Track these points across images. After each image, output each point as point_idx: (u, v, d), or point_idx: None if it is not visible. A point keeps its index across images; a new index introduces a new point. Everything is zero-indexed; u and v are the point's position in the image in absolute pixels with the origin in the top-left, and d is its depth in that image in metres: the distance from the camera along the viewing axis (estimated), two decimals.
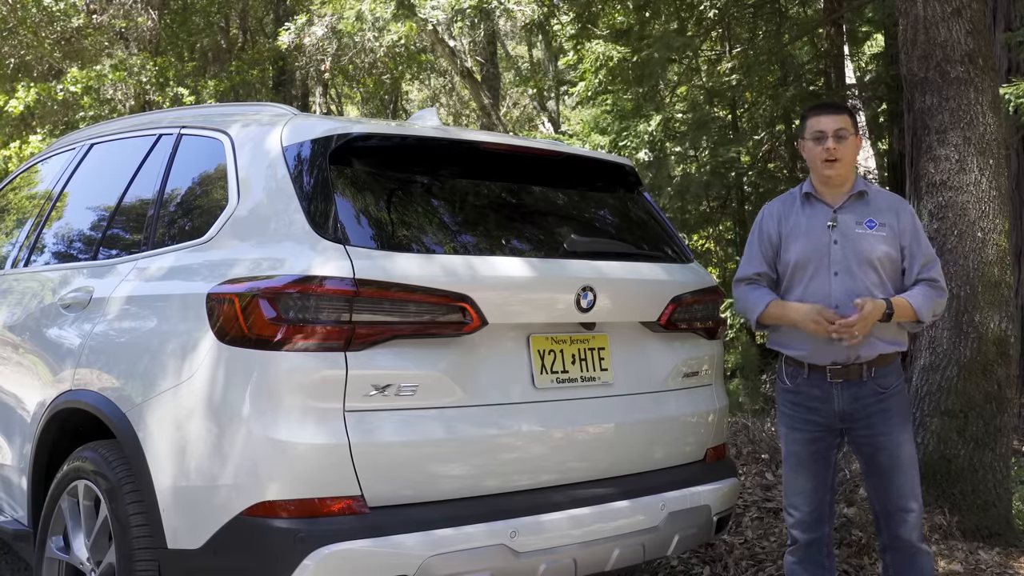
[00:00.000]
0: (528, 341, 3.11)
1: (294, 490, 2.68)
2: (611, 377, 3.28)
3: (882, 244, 3.27)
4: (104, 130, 4.49)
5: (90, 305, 3.46)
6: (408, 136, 3.34)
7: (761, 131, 12.19)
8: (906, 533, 3.26)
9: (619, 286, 3.30)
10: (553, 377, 3.13)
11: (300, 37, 14.59)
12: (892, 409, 3.28)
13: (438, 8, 12.35)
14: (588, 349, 3.24)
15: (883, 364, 3.28)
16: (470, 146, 3.47)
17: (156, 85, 13.41)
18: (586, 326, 3.24)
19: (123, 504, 2.96)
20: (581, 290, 3.14)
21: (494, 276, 3.01)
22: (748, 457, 6.01)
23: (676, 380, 3.49)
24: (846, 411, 3.30)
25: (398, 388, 2.80)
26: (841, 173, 3.33)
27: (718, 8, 10.48)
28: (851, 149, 3.33)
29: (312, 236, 2.85)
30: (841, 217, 3.33)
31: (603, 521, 3.11)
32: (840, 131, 3.30)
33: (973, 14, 4.59)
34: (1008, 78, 7.53)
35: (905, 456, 3.27)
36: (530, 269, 3.10)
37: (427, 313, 2.86)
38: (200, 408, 2.81)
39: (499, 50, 21.55)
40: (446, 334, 2.91)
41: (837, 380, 3.29)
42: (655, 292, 3.44)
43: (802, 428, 3.37)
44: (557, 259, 3.21)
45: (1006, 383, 4.63)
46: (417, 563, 2.71)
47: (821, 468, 3.37)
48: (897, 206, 3.36)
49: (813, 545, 3.40)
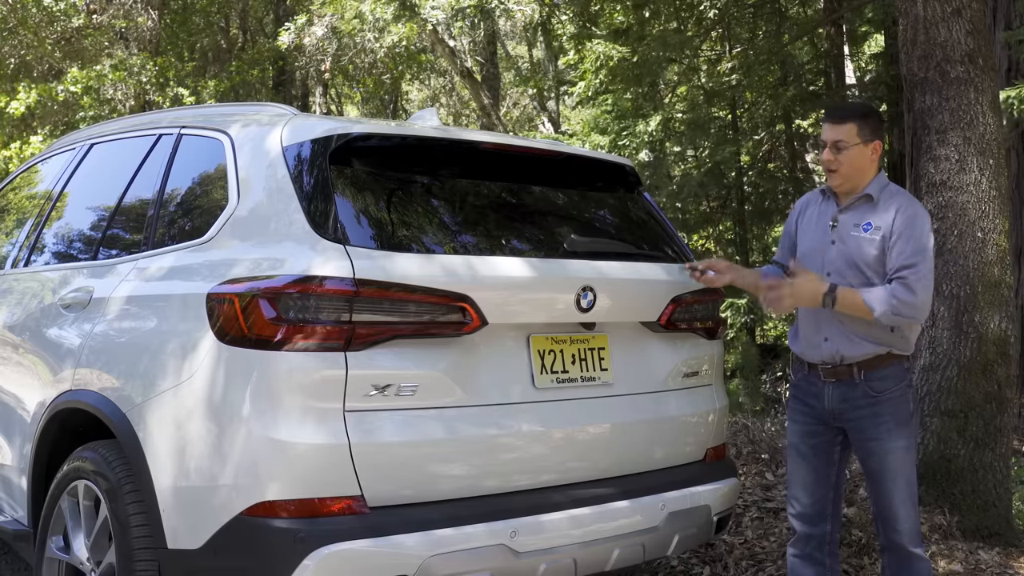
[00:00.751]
0: (528, 341, 3.11)
1: (294, 490, 2.68)
2: (611, 377, 3.28)
3: (873, 248, 3.24)
4: (104, 130, 4.49)
5: (90, 305, 3.46)
6: (408, 136, 3.34)
7: (761, 131, 12.19)
8: (898, 538, 3.26)
9: (619, 286, 3.30)
10: (553, 377, 3.13)
11: (300, 37, 14.58)
12: (885, 414, 3.24)
13: (438, 8, 12.34)
14: (588, 349, 3.24)
15: (876, 367, 3.25)
16: (470, 146, 3.47)
17: (156, 85, 13.41)
18: (586, 326, 3.24)
19: (123, 504, 2.96)
20: (581, 290, 3.14)
21: (494, 276, 3.01)
22: (748, 457, 6.01)
23: (676, 380, 3.49)
24: (836, 410, 3.31)
25: (398, 388, 2.80)
26: (840, 183, 3.31)
27: (718, 8, 10.48)
28: (853, 158, 3.26)
29: (312, 236, 2.85)
30: (842, 218, 3.33)
31: (603, 521, 3.10)
32: (839, 143, 3.26)
33: (973, 14, 4.59)
34: (1009, 78, 7.53)
35: (895, 463, 3.24)
36: (530, 269, 3.10)
37: (427, 313, 2.86)
38: (200, 408, 2.81)
39: (499, 50, 21.55)
40: (446, 334, 2.90)
41: (829, 379, 3.30)
42: (655, 292, 3.43)
43: (800, 420, 3.42)
44: (557, 259, 3.21)
45: (1006, 383, 4.63)
46: (417, 563, 2.71)
47: (822, 463, 3.38)
48: (900, 208, 3.24)
49: (813, 540, 3.40)
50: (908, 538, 3.26)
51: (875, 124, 3.32)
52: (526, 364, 3.09)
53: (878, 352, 3.25)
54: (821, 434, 3.37)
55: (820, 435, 3.37)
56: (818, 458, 3.37)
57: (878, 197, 3.29)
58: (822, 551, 3.41)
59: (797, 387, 3.45)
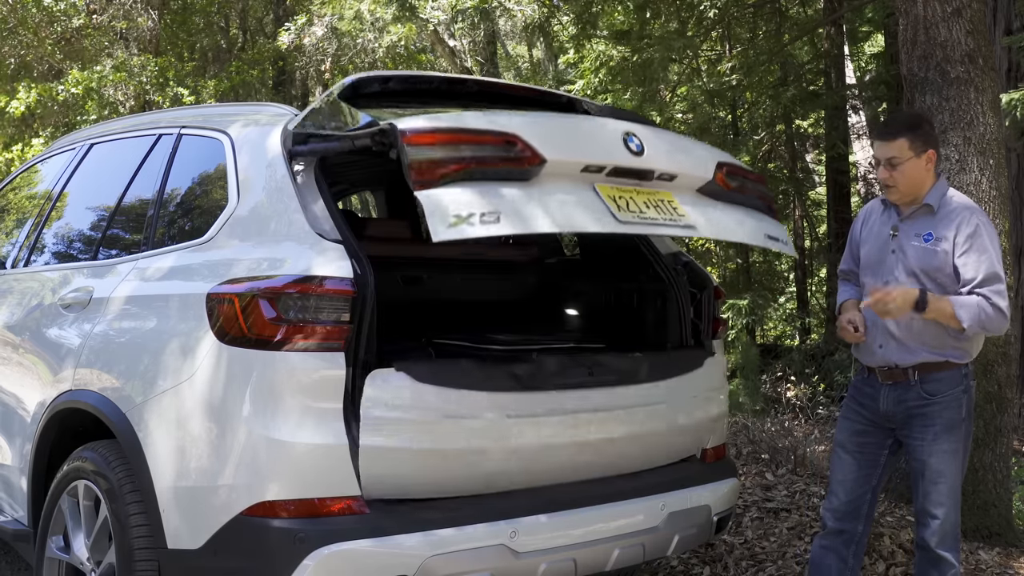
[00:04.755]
0: (595, 189, 2.96)
1: (294, 490, 2.68)
2: (691, 221, 3.12)
3: (933, 259, 3.25)
4: (104, 130, 4.49)
5: (90, 305, 3.46)
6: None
7: (761, 131, 12.18)
8: (927, 537, 3.27)
9: (661, 138, 3.27)
10: (632, 215, 2.98)
11: (300, 37, 14.58)
12: (934, 416, 3.26)
13: (438, 8, 12.34)
14: (658, 200, 3.09)
15: (931, 371, 3.27)
16: None
17: (156, 85, 13.40)
18: (643, 176, 3.10)
19: (123, 504, 2.96)
20: (625, 134, 3.08)
21: (536, 121, 3.08)
22: (748, 457, 6.02)
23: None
24: (890, 412, 3.34)
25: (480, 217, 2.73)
26: (899, 197, 3.34)
27: (718, 8, 10.46)
28: (909, 172, 3.27)
29: (312, 236, 2.85)
30: (903, 227, 3.35)
31: (603, 521, 3.11)
32: (892, 159, 3.28)
33: (973, 14, 4.58)
34: (1009, 78, 7.53)
35: (937, 465, 3.25)
36: (570, 120, 3.23)
37: (487, 150, 2.82)
38: (200, 408, 2.81)
39: (499, 50, 21.55)
40: (513, 170, 2.84)
41: (887, 382, 3.34)
42: (699, 154, 3.38)
43: (852, 419, 3.45)
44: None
45: (1006, 383, 4.63)
46: (417, 563, 2.71)
47: (867, 463, 3.40)
48: (964, 219, 3.25)
49: (842, 536, 3.42)
50: (938, 540, 3.25)
51: (926, 134, 3.33)
52: (602, 205, 2.93)
53: (935, 360, 3.27)
54: (871, 435, 3.40)
55: (870, 435, 3.40)
56: (864, 457, 3.40)
57: (938, 206, 3.30)
58: (848, 549, 3.43)
59: (856, 388, 3.49)
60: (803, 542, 4.51)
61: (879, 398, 3.36)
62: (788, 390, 9.97)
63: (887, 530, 4.39)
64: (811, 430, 7.81)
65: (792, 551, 4.45)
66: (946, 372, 3.28)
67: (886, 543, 4.28)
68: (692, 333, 3.71)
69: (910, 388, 3.30)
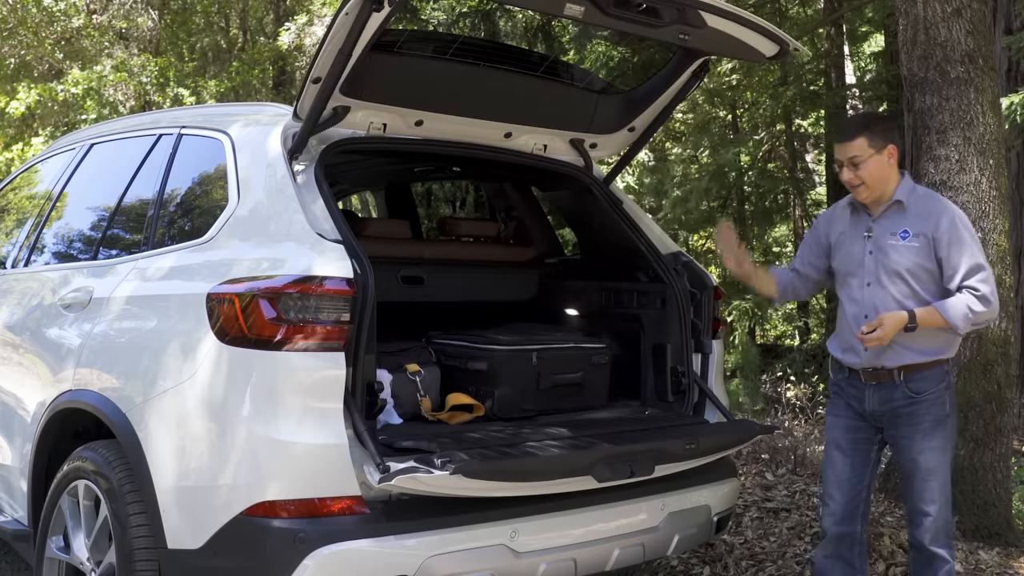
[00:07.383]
0: None
1: (294, 490, 2.68)
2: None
3: (913, 255, 3.25)
4: (104, 130, 4.49)
5: (90, 305, 3.46)
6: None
7: (761, 131, 12.18)
8: (920, 535, 3.28)
9: None
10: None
11: (300, 37, 14.56)
12: (920, 414, 3.27)
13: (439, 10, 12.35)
14: None
15: (917, 370, 3.28)
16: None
17: (156, 85, 13.39)
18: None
19: (123, 504, 2.96)
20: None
21: None
22: (748, 457, 6.02)
23: None
24: (876, 412, 3.34)
25: None
26: (868, 195, 3.33)
27: None
28: (872, 169, 3.28)
29: (312, 236, 2.85)
30: (876, 227, 3.35)
31: (603, 521, 3.11)
32: (854, 159, 3.28)
33: (973, 14, 4.58)
34: (1009, 79, 7.53)
35: (926, 463, 3.26)
36: None
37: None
38: (200, 408, 2.81)
39: None
40: None
41: (871, 382, 3.33)
42: None
43: (842, 415, 3.44)
44: None
45: (1006, 383, 4.63)
46: (417, 563, 2.71)
47: (860, 460, 3.40)
48: (938, 213, 3.27)
49: (844, 540, 3.42)
50: (931, 537, 3.26)
51: (884, 130, 3.33)
52: None
53: (922, 360, 3.28)
54: (862, 430, 3.40)
55: (861, 431, 3.40)
56: (857, 454, 3.40)
57: (908, 201, 3.31)
58: (852, 551, 3.43)
59: (838, 386, 3.47)
60: (803, 542, 4.51)
61: (864, 398, 3.35)
62: (788, 390, 9.96)
63: (887, 530, 4.38)
64: (811, 430, 7.80)
65: (792, 551, 4.45)
66: (930, 370, 3.29)
67: (886, 543, 4.28)
68: (692, 333, 3.72)
69: (895, 388, 3.29)
